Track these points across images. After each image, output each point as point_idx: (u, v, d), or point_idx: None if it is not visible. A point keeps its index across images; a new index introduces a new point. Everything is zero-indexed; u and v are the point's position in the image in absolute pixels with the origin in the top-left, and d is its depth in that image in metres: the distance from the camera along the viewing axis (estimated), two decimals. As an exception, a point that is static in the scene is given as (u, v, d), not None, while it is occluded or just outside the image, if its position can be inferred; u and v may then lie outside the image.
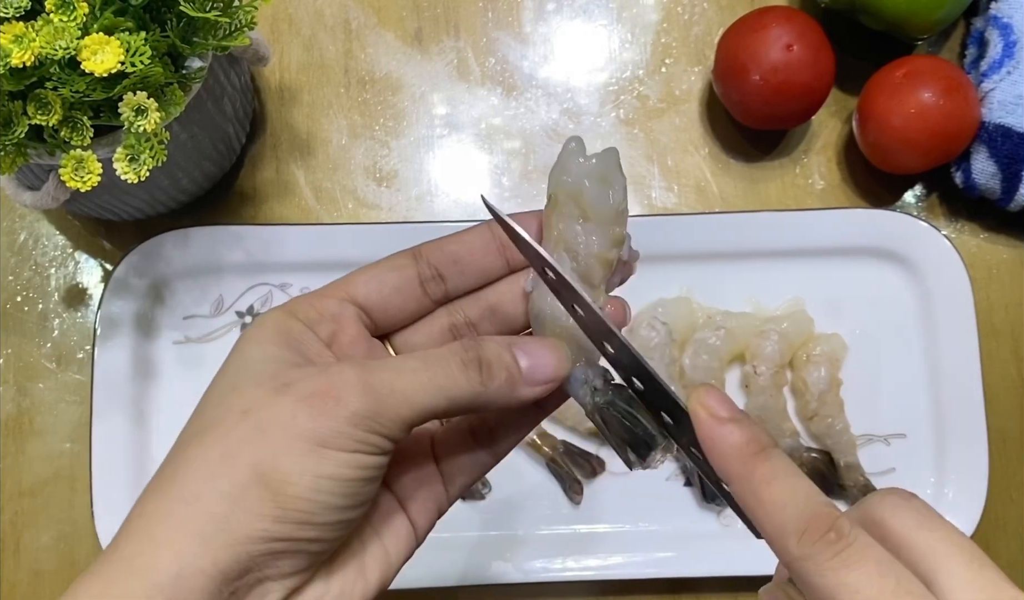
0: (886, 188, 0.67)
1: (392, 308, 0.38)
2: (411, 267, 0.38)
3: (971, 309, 0.62)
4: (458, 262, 0.38)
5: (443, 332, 0.39)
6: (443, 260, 0.38)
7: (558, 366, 0.36)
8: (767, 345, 0.62)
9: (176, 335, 0.63)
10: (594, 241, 0.37)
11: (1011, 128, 0.61)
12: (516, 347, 0.35)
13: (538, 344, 0.36)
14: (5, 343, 0.64)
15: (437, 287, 0.38)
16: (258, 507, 0.31)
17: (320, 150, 0.67)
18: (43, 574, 0.62)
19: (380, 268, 0.38)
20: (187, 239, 0.62)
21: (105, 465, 0.60)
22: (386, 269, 0.38)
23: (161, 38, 0.49)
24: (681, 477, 0.63)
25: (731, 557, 0.60)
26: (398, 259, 0.38)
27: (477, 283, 0.39)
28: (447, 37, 0.69)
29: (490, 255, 0.38)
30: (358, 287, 0.38)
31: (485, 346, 0.35)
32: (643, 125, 0.68)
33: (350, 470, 0.32)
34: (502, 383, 0.34)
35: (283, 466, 0.31)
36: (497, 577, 0.60)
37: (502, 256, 0.39)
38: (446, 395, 0.33)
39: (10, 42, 0.45)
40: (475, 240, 0.39)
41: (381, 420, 0.32)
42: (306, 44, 0.69)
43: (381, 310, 0.38)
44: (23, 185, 0.55)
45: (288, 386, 0.33)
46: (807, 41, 0.61)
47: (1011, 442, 0.64)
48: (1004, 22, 0.64)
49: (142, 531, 0.31)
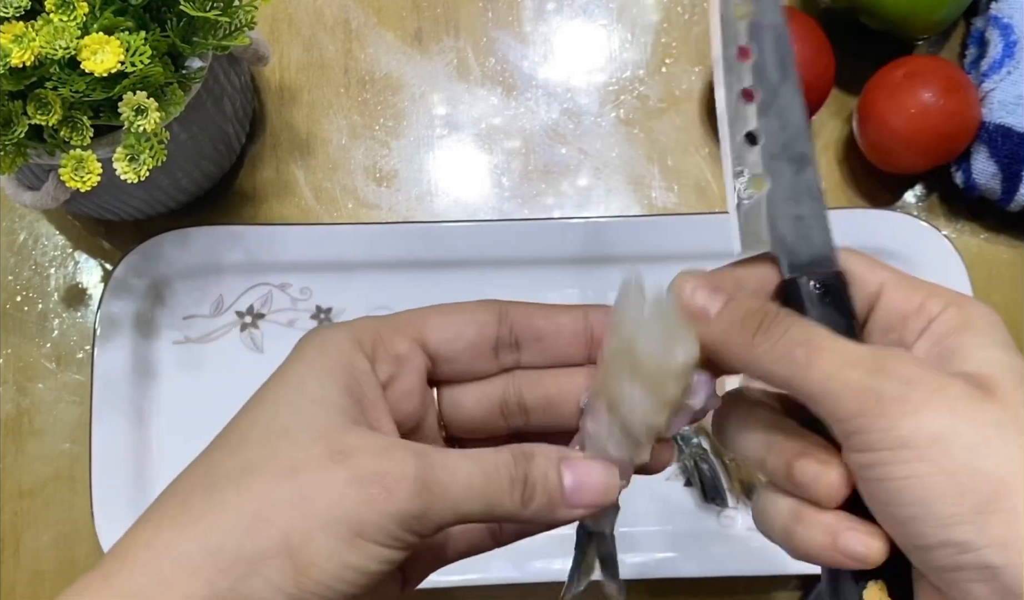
0: (886, 188, 0.67)
1: (460, 364, 0.36)
2: (493, 327, 0.36)
3: (971, 309, 0.61)
4: (541, 340, 0.36)
5: (494, 405, 0.37)
6: (527, 332, 0.36)
7: (605, 493, 0.34)
8: (767, 345, 0.62)
9: (176, 335, 0.63)
10: (637, 403, 0.33)
11: (1011, 128, 0.61)
12: (565, 463, 0.33)
13: (587, 466, 0.34)
14: (5, 343, 0.64)
15: (510, 356, 0.36)
16: (277, 579, 0.30)
17: (320, 150, 0.67)
18: (43, 574, 0.62)
19: (461, 318, 0.36)
20: (187, 239, 0.62)
21: (105, 465, 0.60)
22: (467, 321, 0.36)
23: (161, 38, 0.49)
24: (681, 477, 0.63)
25: (731, 557, 0.60)
26: (481, 313, 0.36)
27: (550, 365, 0.37)
28: (447, 37, 0.69)
29: (575, 344, 0.36)
30: (433, 331, 0.35)
31: (534, 463, 0.33)
32: (643, 125, 0.68)
33: (376, 564, 0.31)
34: (543, 504, 0.33)
35: (314, 546, 0.30)
36: (497, 577, 0.60)
37: (587, 348, 0.36)
38: (489, 508, 0.32)
39: (10, 42, 0.45)
40: (566, 324, 0.36)
41: (424, 521, 0.31)
42: (306, 44, 0.69)
43: (448, 362, 0.36)
44: (23, 185, 0.55)
45: (345, 456, 0.31)
46: (807, 41, 0.61)
47: (1011, 442, 0.64)
48: (1004, 22, 0.64)
49: (150, 564, 0.30)
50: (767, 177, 0.34)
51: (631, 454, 0.34)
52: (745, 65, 0.34)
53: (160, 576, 0.30)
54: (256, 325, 0.64)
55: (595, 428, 0.34)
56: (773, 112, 0.34)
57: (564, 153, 0.67)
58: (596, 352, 0.36)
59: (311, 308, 0.64)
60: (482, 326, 0.36)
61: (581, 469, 0.33)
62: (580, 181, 0.67)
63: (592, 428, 0.34)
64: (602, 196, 0.67)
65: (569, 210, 0.67)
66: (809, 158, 0.35)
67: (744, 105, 0.34)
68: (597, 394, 0.34)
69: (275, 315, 0.64)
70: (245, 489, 0.31)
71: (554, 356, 0.37)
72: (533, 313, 0.36)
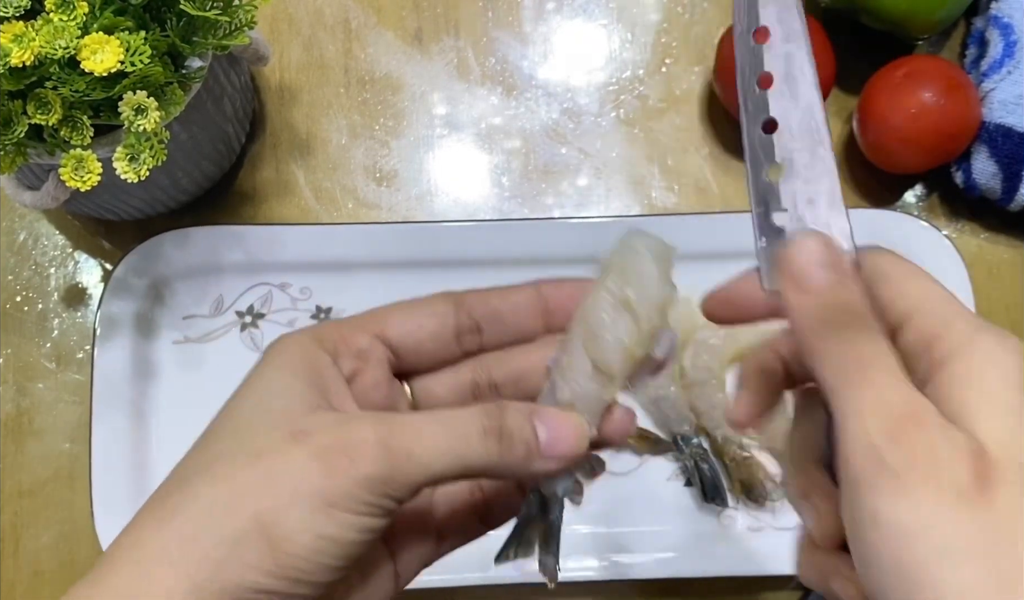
0: (886, 188, 0.67)
1: (424, 354, 0.37)
2: (451, 316, 0.37)
3: (971, 309, 0.62)
4: (500, 320, 0.37)
5: (465, 389, 0.38)
6: (486, 315, 0.37)
7: (577, 443, 0.35)
8: (767, 345, 0.62)
9: (176, 335, 0.63)
10: (622, 328, 0.34)
11: (1012, 128, 0.61)
12: (537, 417, 0.34)
13: (560, 418, 0.34)
14: (5, 343, 0.64)
15: (473, 340, 0.37)
16: (254, 559, 0.30)
17: (320, 150, 0.67)
18: (43, 574, 0.62)
19: (419, 311, 0.37)
20: (187, 239, 0.62)
21: (105, 465, 0.60)
22: (426, 313, 0.37)
23: (161, 37, 0.49)
24: (681, 477, 0.63)
25: (731, 557, 0.60)
26: (439, 304, 0.37)
27: (512, 341, 0.38)
28: (447, 37, 0.69)
29: (533, 318, 0.37)
30: (393, 327, 0.36)
31: (507, 414, 0.33)
32: (643, 125, 0.68)
33: (353, 533, 0.31)
34: (520, 455, 0.33)
35: (286, 521, 0.30)
36: (497, 577, 0.60)
37: (544, 320, 0.37)
38: (463, 462, 0.32)
39: (10, 42, 0.45)
40: (521, 301, 0.37)
41: (393, 484, 0.31)
42: (306, 44, 0.69)
43: (412, 354, 0.37)
44: (23, 185, 0.55)
45: (305, 434, 0.31)
46: (807, 41, 0.61)
47: (1011, 442, 0.64)
48: (1004, 22, 0.64)
49: (133, 564, 0.31)
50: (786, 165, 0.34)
51: (601, 392, 0.35)
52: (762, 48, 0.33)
53: (144, 574, 0.30)
54: (256, 325, 0.64)
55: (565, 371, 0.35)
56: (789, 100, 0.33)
57: (564, 153, 0.67)
58: (553, 322, 0.37)
59: (311, 308, 0.64)
60: (441, 316, 0.37)
61: (553, 420, 0.34)
62: (580, 181, 0.67)
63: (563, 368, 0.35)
64: (602, 196, 0.67)
65: (569, 210, 0.67)
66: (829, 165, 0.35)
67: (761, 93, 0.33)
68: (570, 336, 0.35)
69: (275, 315, 0.64)
70: (213, 479, 0.31)
71: (514, 333, 0.38)
72: (488, 296, 0.37)
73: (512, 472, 0.34)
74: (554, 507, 0.37)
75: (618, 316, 0.35)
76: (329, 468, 0.31)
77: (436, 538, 0.38)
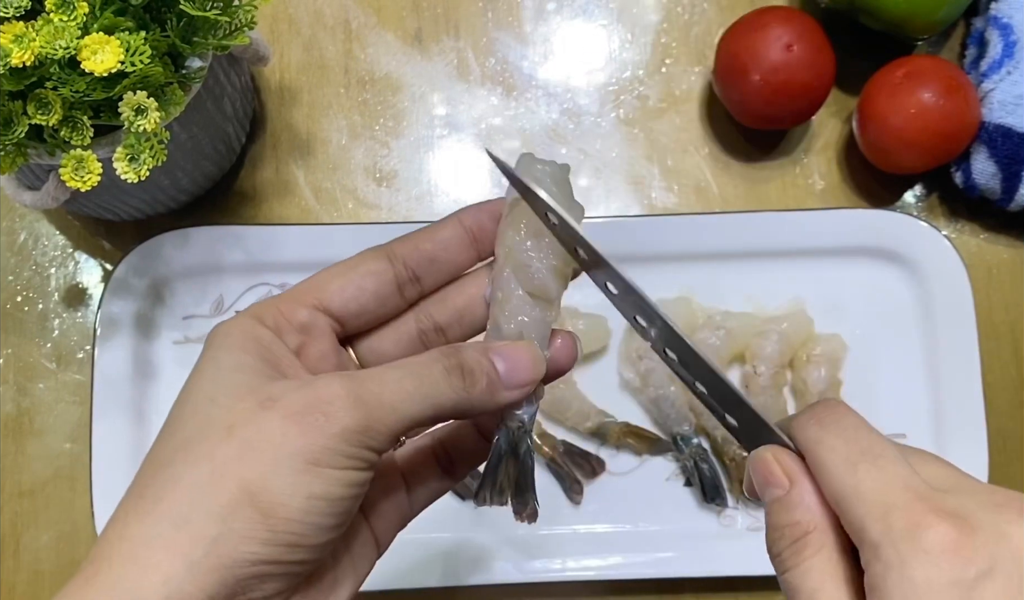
0: (886, 188, 0.67)
1: (368, 316, 0.37)
2: (388, 272, 0.37)
3: (971, 309, 0.62)
4: (434, 261, 0.37)
5: (412, 339, 0.38)
6: (420, 261, 0.37)
7: (535, 368, 0.35)
8: (767, 345, 0.62)
9: (176, 335, 0.63)
10: (550, 253, 0.36)
11: (1011, 128, 0.61)
12: (492, 352, 0.35)
13: (513, 348, 0.35)
14: (5, 343, 0.64)
15: (413, 289, 0.37)
16: (248, 530, 0.30)
17: (320, 150, 0.67)
18: (43, 574, 0.62)
19: (356, 273, 0.36)
20: (187, 239, 0.62)
21: (105, 465, 0.60)
22: (363, 274, 0.36)
23: (161, 38, 0.49)
24: (681, 477, 0.63)
25: (731, 557, 0.60)
26: (373, 263, 0.37)
27: (449, 279, 0.38)
28: (447, 37, 0.69)
29: (464, 251, 0.37)
30: (332, 296, 0.36)
31: (464, 353, 0.34)
32: (643, 125, 0.68)
33: (341, 488, 0.31)
34: (484, 388, 0.34)
35: (274, 487, 0.30)
36: (497, 577, 0.60)
37: (474, 249, 0.37)
38: (432, 403, 0.33)
39: (10, 42, 0.45)
40: (449, 237, 0.37)
41: (371, 434, 0.32)
42: (306, 44, 0.69)
43: (355, 318, 0.37)
44: (23, 185, 0.55)
45: (273, 401, 0.32)
46: (807, 41, 0.61)
47: (1011, 442, 0.64)
48: (1004, 22, 0.64)
49: (126, 554, 0.30)
50: None
51: (544, 316, 0.36)
52: None
53: (138, 564, 0.30)
54: (256, 325, 0.64)
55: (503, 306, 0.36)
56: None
57: (564, 153, 0.67)
58: (483, 249, 0.37)
59: (311, 308, 0.64)
60: (379, 274, 0.36)
61: (507, 352, 0.35)
62: (580, 181, 0.67)
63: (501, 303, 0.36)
64: (602, 196, 0.67)
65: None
66: None
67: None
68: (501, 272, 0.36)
69: (275, 315, 0.64)
70: (192, 460, 0.31)
71: (450, 270, 0.38)
72: (417, 240, 0.37)
73: (479, 407, 0.34)
74: (522, 443, 0.37)
75: (539, 243, 0.36)
76: (306, 427, 0.31)
77: (407, 496, 0.38)
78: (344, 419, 0.31)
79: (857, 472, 0.30)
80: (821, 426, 0.32)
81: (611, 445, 0.63)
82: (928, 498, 0.29)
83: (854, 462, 0.30)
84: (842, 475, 0.30)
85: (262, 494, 0.30)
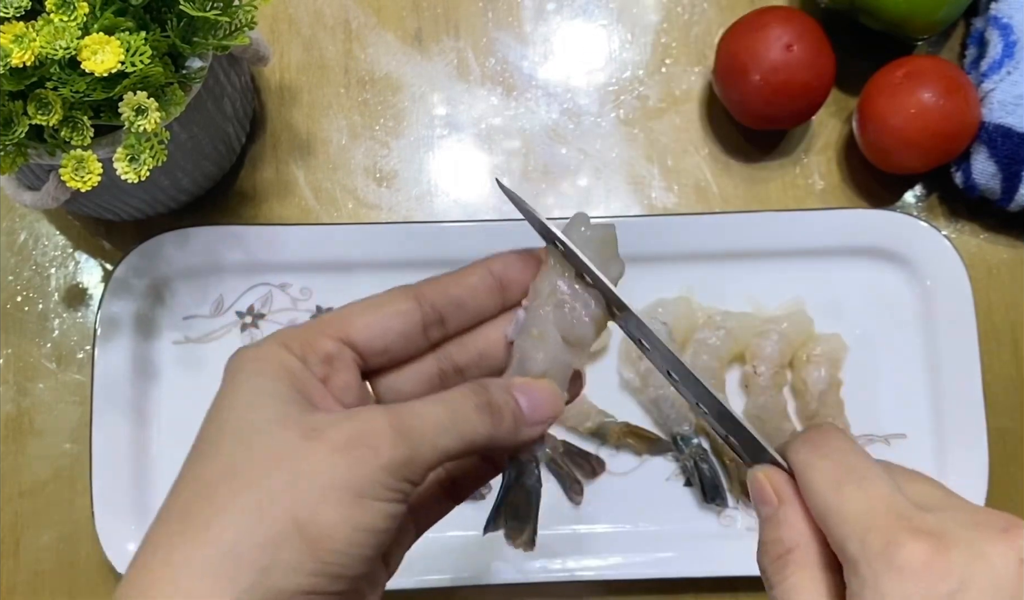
0: (886, 188, 0.67)
1: (392, 355, 0.37)
2: (416, 312, 0.37)
3: (971, 309, 0.62)
4: (461, 306, 0.38)
5: (431, 378, 0.38)
6: (447, 305, 0.37)
7: (555, 406, 0.36)
8: (767, 345, 0.62)
9: (176, 335, 0.63)
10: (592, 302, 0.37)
11: (1011, 128, 0.61)
12: (515, 389, 0.36)
13: (535, 386, 0.36)
14: (5, 343, 0.64)
15: (438, 331, 0.38)
16: (296, 561, 0.30)
17: (320, 150, 0.67)
18: (43, 574, 0.62)
19: (383, 312, 0.37)
20: (187, 239, 0.62)
21: (105, 465, 0.60)
22: (390, 314, 0.37)
23: (161, 38, 0.49)
24: (681, 477, 0.63)
25: (731, 557, 0.60)
26: (400, 303, 0.37)
27: (472, 323, 0.38)
28: (447, 37, 0.69)
29: (490, 297, 0.38)
30: (358, 331, 0.36)
31: (492, 390, 0.35)
32: (643, 125, 0.68)
33: (384, 520, 0.32)
34: (510, 425, 0.35)
35: (322, 519, 0.30)
36: (497, 577, 0.60)
37: (499, 296, 0.38)
38: (466, 439, 0.33)
39: (10, 42, 0.45)
40: (477, 283, 0.38)
41: (412, 467, 0.32)
42: (306, 44, 0.69)
43: (379, 356, 0.37)
44: (23, 185, 0.55)
45: (319, 432, 0.32)
46: (807, 41, 0.61)
47: (1011, 442, 0.64)
48: (1004, 22, 0.64)
49: (171, 582, 0.30)
50: None
51: (571, 361, 0.38)
52: None
53: (183, 590, 0.30)
54: (256, 325, 0.64)
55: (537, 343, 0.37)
56: None
57: (564, 153, 0.67)
58: (508, 298, 0.38)
59: (311, 308, 0.64)
60: (404, 314, 0.37)
61: (530, 389, 0.36)
62: (580, 181, 0.67)
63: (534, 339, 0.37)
64: (602, 196, 0.67)
65: (569, 210, 0.66)
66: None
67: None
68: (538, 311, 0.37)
69: (275, 315, 0.64)
70: (238, 488, 0.31)
71: (475, 315, 0.38)
72: (446, 285, 0.38)
73: (504, 443, 0.35)
74: (531, 473, 0.38)
75: (586, 290, 0.37)
76: (353, 460, 0.31)
77: (414, 524, 0.39)
78: (389, 452, 0.31)
79: (842, 492, 0.31)
80: (812, 448, 0.33)
81: (611, 445, 0.63)
82: (907, 517, 0.30)
83: (840, 482, 0.32)
84: (827, 495, 0.32)
85: (310, 526, 0.30)
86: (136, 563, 0.31)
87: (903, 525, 0.29)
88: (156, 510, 0.32)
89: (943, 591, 0.28)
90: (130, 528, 0.59)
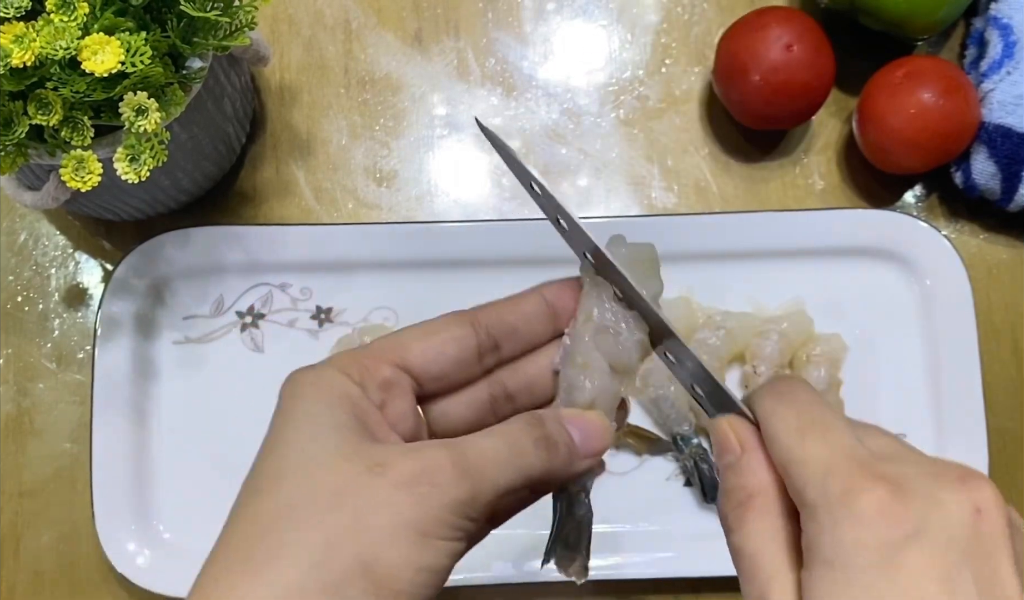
0: (886, 188, 0.67)
1: (446, 379, 0.37)
2: (472, 338, 0.37)
3: (971, 309, 0.62)
4: (516, 333, 0.38)
5: (483, 405, 0.38)
6: (503, 332, 0.37)
7: (605, 437, 0.36)
8: (767, 345, 0.62)
9: (176, 335, 0.63)
10: (635, 326, 0.37)
11: (1011, 128, 0.61)
12: (567, 422, 0.36)
13: (585, 419, 0.36)
14: (5, 343, 0.64)
15: (492, 358, 0.38)
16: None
17: (320, 150, 0.67)
18: (43, 574, 0.62)
19: (439, 337, 0.36)
20: (187, 239, 0.62)
21: (105, 465, 0.60)
22: (446, 340, 0.36)
23: (161, 38, 0.49)
24: (681, 477, 0.63)
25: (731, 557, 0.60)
26: (456, 328, 0.37)
27: (525, 350, 0.38)
28: (447, 37, 0.69)
29: (545, 324, 0.38)
30: (415, 356, 0.36)
31: (547, 423, 0.35)
32: (643, 125, 0.68)
33: (446, 559, 0.31)
34: (565, 458, 0.35)
35: (387, 558, 0.30)
36: (497, 577, 0.60)
37: (552, 324, 0.38)
38: (523, 474, 0.33)
39: (10, 42, 0.45)
40: (532, 310, 0.38)
41: (474, 505, 0.32)
42: (306, 44, 0.69)
43: (435, 381, 0.37)
44: (23, 185, 0.55)
45: (382, 467, 0.31)
46: (807, 41, 0.61)
47: (1011, 442, 0.64)
48: (1004, 22, 0.64)
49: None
50: None
51: (618, 388, 0.37)
52: None
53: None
54: (256, 325, 0.64)
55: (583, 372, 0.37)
56: None
57: (564, 153, 0.68)
58: (559, 325, 0.38)
59: (311, 308, 0.64)
60: (460, 340, 0.37)
61: (581, 421, 0.36)
62: (580, 181, 0.67)
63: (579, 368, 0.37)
64: (602, 196, 0.67)
65: (569, 210, 0.67)
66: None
67: None
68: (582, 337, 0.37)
69: (275, 315, 0.64)
70: (303, 524, 0.31)
71: (529, 342, 0.38)
72: (502, 311, 0.38)
73: (558, 476, 0.35)
74: (581, 503, 0.38)
75: (628, 315, 0.37)
76: (418, 498, 0.31)
77: None
78: (452, 490, 0.31)
79: (804, 441, 0.31)
80: (777, 398, 0.33)
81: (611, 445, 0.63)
82: (867, 465, 0.30)
83: (803, 432, 0.31)
84: (790, 443, 0.32)
85: (375, 566, 0.30)
86: (203, 593, 0.31)
87: (863, 472, 0.29)
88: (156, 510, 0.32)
89: (899, 536, 0.28)
90: (130, 528, 0.59)
